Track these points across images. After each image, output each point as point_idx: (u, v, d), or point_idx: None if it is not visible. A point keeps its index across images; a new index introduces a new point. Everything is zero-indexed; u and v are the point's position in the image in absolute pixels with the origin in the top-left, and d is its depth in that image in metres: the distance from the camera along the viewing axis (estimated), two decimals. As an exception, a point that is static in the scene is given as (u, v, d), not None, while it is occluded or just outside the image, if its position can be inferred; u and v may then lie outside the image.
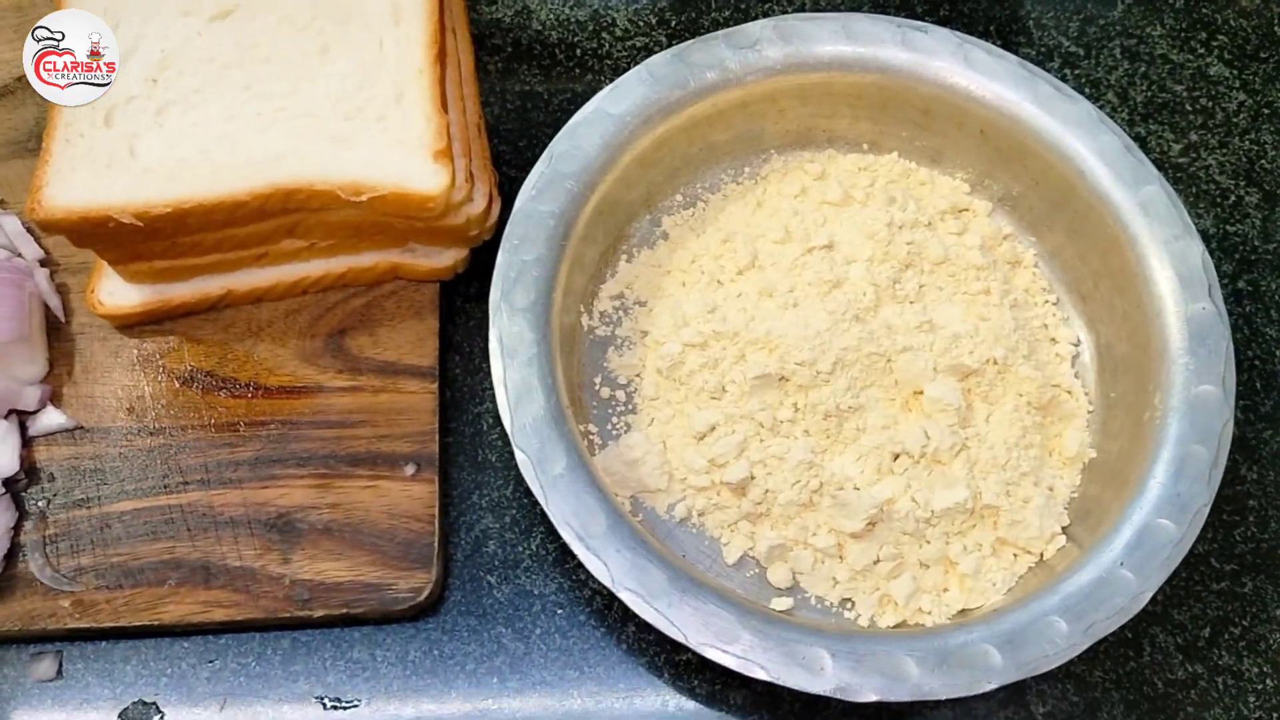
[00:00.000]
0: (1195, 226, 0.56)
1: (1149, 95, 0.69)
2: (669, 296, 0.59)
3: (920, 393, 0.55)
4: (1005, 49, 0.60)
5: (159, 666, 0.54)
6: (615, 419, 0.57)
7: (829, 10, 0.62)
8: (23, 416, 0.56)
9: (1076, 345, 0.59)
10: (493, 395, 0.59)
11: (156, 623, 0.52)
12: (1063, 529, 0.54)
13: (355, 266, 0.58)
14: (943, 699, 0.47)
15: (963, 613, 0.53)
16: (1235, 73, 0.70)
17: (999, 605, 0.52)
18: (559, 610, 0.55)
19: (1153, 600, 0.48)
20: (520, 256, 0.54)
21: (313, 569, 0.53)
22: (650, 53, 0.67)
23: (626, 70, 0.59)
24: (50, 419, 0.56)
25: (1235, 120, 0.68)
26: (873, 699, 0.46)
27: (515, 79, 0.68)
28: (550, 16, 0.71)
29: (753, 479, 0.53)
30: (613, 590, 0.48)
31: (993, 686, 0.47)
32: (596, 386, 0.58)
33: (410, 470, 0.55)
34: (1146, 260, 0.55)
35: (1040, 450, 0.56)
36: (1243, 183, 0.66)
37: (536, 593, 0.56)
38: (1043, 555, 0.54)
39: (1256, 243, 0.65)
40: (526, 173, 0.56)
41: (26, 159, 0.62)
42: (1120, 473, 0.53)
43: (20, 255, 0.59)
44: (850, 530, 0.52)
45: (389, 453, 0.56)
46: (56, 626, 0.52)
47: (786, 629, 0.48)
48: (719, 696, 0.54)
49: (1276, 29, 0.71)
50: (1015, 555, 0.54)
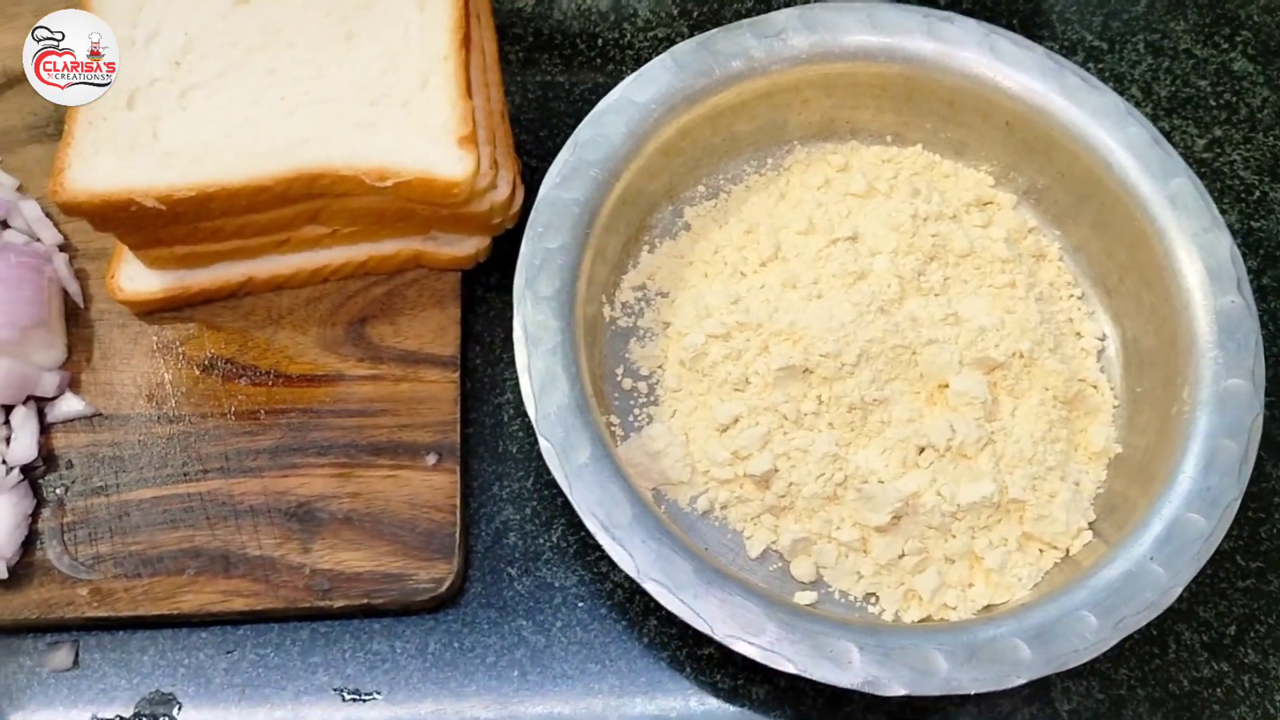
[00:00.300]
0: (1220, 221, 0.56)
1: (1173, 90, 0.68)
2: (691, 287, 0.59)
3: (945, 386, 0.54)
4: (1030, 41, 0.60)
5: (176, 657, 0.53)
6: (637, 410, 0.57)
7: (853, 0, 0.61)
8: (41, 403, 0.56)
9: (1102, 339, 0.59)
10: (514, 386, 0.59)
11: (175, 612, 0.52)
12: (1089, 524, 0.54)
13: (377, 254, 0.57)
14: (971, 693, 0.46)
15: (988, 608, 0.52)
16: (1259, 68, 0.69)
17: (1025, 600, 0.52)
18: (580, 603, 0.55)
19: (1178, 598, 0.48)
20: (544, 244, 0.53)
21: (333, 559, 0.53)
22: (672, 43, 0.67)
23: (648, 61, 0.58)
24: (69, 405, 0.56)
25: (1259, 116, 0.68)
26: (901, 693, 0.46)
27: (536, 68, 0.68)
28: (572, 6, 0.70)
29: (776, 471, 0.53)
30: (638, 581, 0.47)
31: (1022, 681, 0.46)
32: (618, 378, 0.57)
33: (431, 460, 0.55)
34: (1174, 253, 0.55)
35: (1066, 445, 0.55)
36: (1267, 178, 0.66)
37: (557, 585, 0.55)
38: (1069, 550, 0.54)
39: (1282, 238, 0.65)
40: (548, 162, 0.56)
41: (46, 144, 0.61)
42: (1147, 467, 0.53)
43: (39, 240, 0.59)
44: (875, 524, 0.52)
45: (410, 442, 0.55)
46: (74, 615, 0.52)
47: (813, 622, 0.47)
48: (741, 691, 0.53)
49: (1300, 25, 0.71)
50: (1041, 550, 0.54)
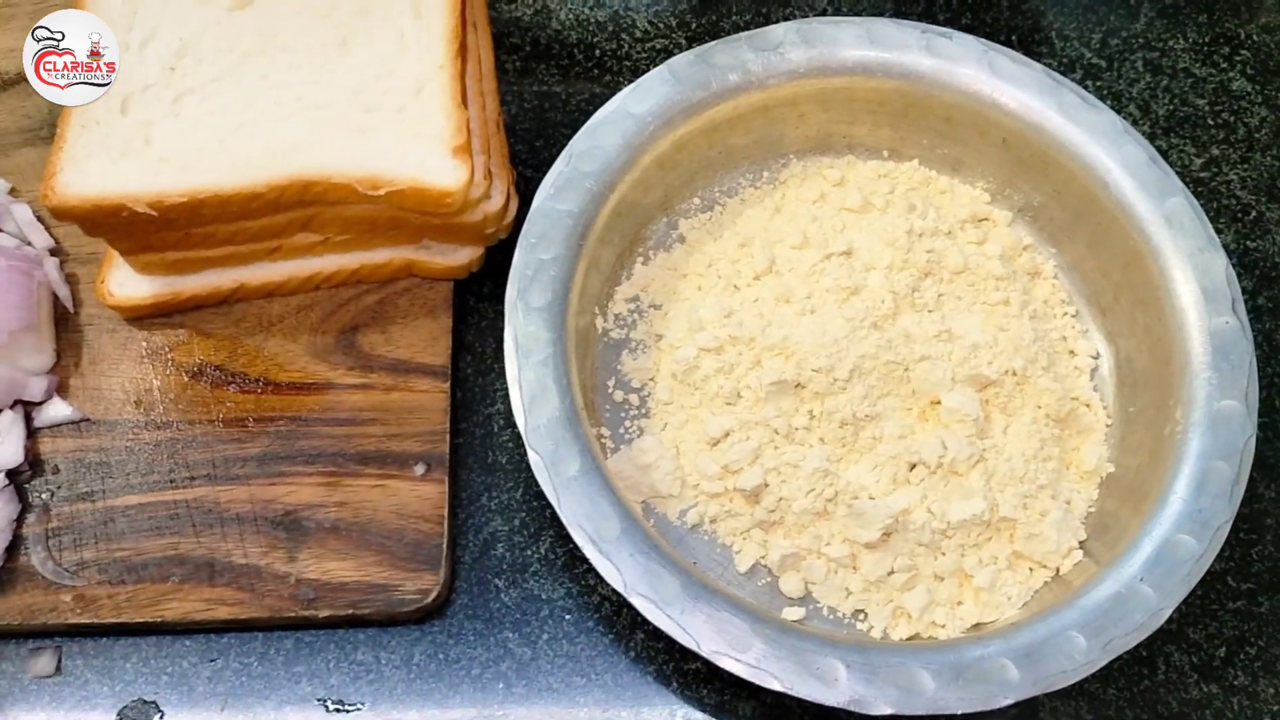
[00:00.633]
0: (1216, 241, 0.56)
1: (1171, 109, 0.68)
2: (684, 300, 0.58)
3: (938, 402, 0.54)
4: (1027, 59, 0.60)
5: (159, 665, 0.53)
6: (628, 423, 0.56)
7: (851, 16, 0.61)
8: (28, 407, 0.56)
9: (1095, 358, 0.59)
10: (504, 397, 0.59)
11: (159, 619, 0.52)
12: (1080, 544, 0.54)
13: (369, 263, 0.57)
14: (958, 713, 0.46)
15: (977, 626, 0.52)
16: (1258, 88, 0.69)
17: (1014, 619, 0.51)
18: (567, 616, 0.54)
19: (1168, 619, 0.48)
20: (537, 255, 0.53)
21: (319, 568, 0.52)
22: (670, 55, 0.67)
23: (645, 72, 0.58)
24: (56, 410, 0.55)
25: (1257, 136, 0.68)
26: (888, 712, 0.45)
27: (533, 78, 0.68)
28: (570, 16, 0.70)
29: (766, 486, 0.53)
30: (625, 596, 0.47)
31: (1009, 701, 0.46)
32: (609, 389, 0.57)
33: (420, 470, 0.55)
34: (1170, 273, 0.54)
35: (1058, 464, 0.55)
36: (1264, 198, 0.66)
37: (544, 598, 0.55)
38: (1059, 570, 0.53)
39: (1277, 259, 0.64)
40: (543, 172, 0.55)
41: (39, 147, 0.61)
42: (1139, 488, 0.53)
43: (30, 244, 0.58)
44: (865, 540, 0.52)
45: (399, 452, 0.55)
46: (57, 621, 0.52)
47: (800, 639, 0.47)
48: (728, 707, 0.53)
49: (1299, 45, 0.71)
50: (1031, 569, 0.53)
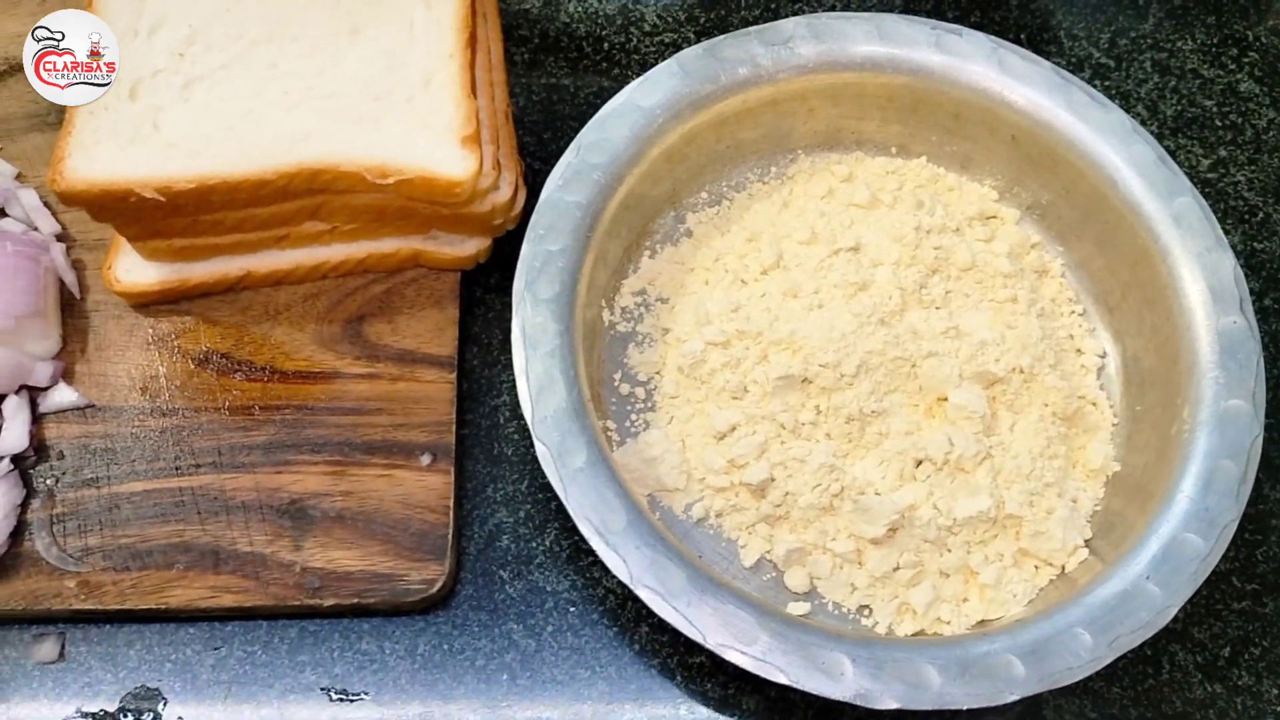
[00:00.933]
0: (1223, 241, 0.56)
1: (1179, 109, 0.68)
2: (692, 294, 0.58)
3: (944, 399, 0.54)
4: (1036, 57, 0.60)
5: (163, 652, 0.53)
6: (634, 416, 0.56)
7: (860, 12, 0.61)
8: (34, 393, 0.56)
9: (1102, 357, 0.59)
10: (510, 388, 0.59)
11: (163, 606, 0.51)
12: (1085, 542, 0.54)
13: (376, 252, 0.57)
14: (964, 708, 0.46)
15: (982, 623, 0.52)
16: (1265, 90, 0.69)
17: (1020, 617, 0.51)
18: (571, 608, 0.54)
19: (1173, 618, 0.48)
20: (545, 246, 0.53)
21: (324, 557, 0.52)
22: (679, 49, 0.66)
23: (654, 65, 0.58)
24: (62, 396, 0.55)
25: (1265, 137, 0.68)
26: (893, 706, 0.45)
27: (541, 71, 0.68)
28: (578, 9, 0.70)
29: (773, 481, 0.53)
30: (631, 588, 0.47)
31: (1015, 698, 0.46)
32: (616, 383, 0.57)
33: (426, 460, 0.54)
34: (1178, 272, 0.54)
35: (1064, 461, 0.55)
36: (1271, 200, 0.66)
37: (549, 590, 0.55)
38: (1064, 568, 0.53)
39: (1284, 260, 0.64)
40: (551, 165, 0.55)
41: (46, 133, 0.61)
42: (1145, 487, 0.53)
43: (36, 229, 0.58)
44: (870, 536, 0.52)
45: (405, 442, 0.55)
46: (61, 607, 0.51)
47: (806, 632, 0.47)
48: (732, 701, 0.53)
49: (1307, 48, 0.71)
50: (1037, 567, 0.53)
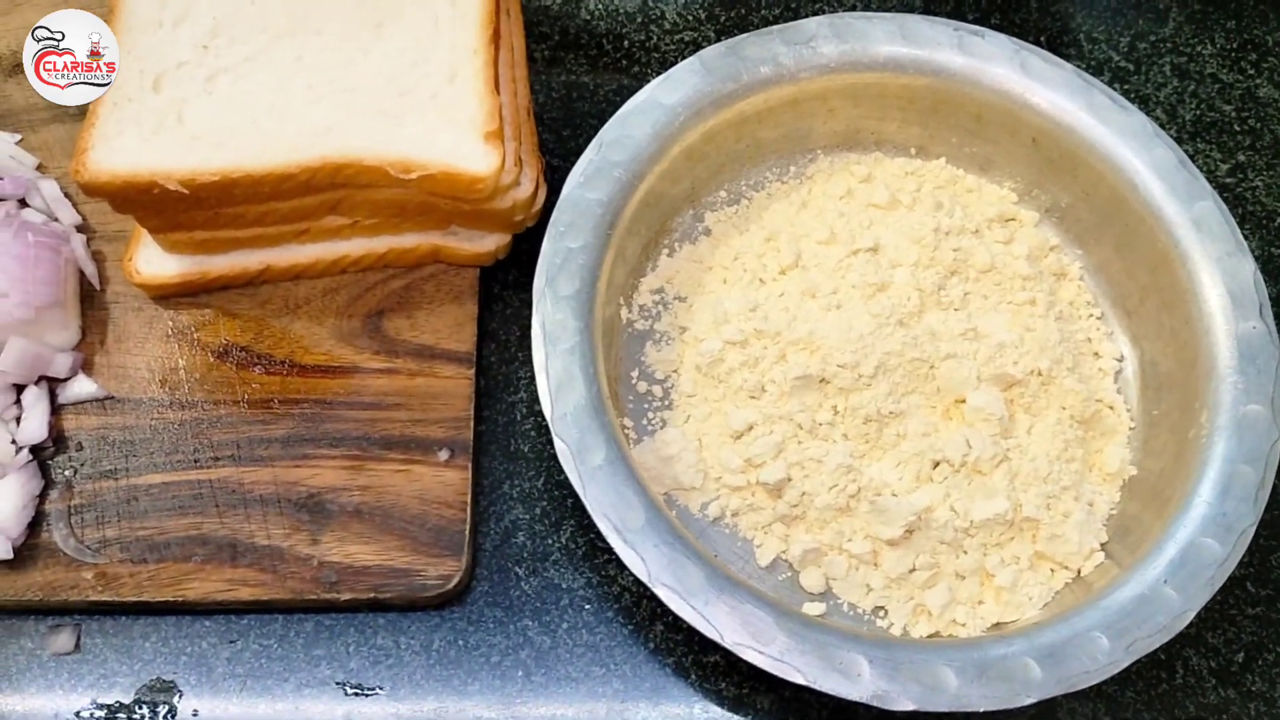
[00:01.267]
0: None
1: (1198, 114, 0.68)
2: (710, 293, 0.58)
3: (962, 401, 0.54)
4: (1055, 60, 0.60)
5: (179, 645, 0.53)
6: (651, 414, 0.56)
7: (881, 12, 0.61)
8: (53, 384, 0.56)
9: (1120, 360, 0.58)
10: (527, 384, 0.59)
11: (180, 599, 0.52)
12: (1101, 545, 0.54)
13: (396, 247, 0.57)
14: (980, 710, 0.46)
15: (997, 626, 0.52)
16: (1284, 95, 0.69)
17: (1036, 620, 0.51)
18: (587, 606, 0.54)
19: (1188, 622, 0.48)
20: (566, 244, 0.53)
21: (341, 551, 0.52)
22: (699, 47, 0.67)
23: (674, 64, 0.58)
24: (81, 387, 0.55)
25: (1283, 143, 0.68)
26: (910, 708, 0.45)
27: (562, 68, 0.68)
28: (599, 6, 0.70)
29: (789, 481, 0.53)
30: (649, 586, 0.47)
31: (1032, 700, 0.46)
32: (633, 380, 0.57)
33: (444, 456, 0.54)
34: (1197, 276, 0.54)
35: (1081, 465, 0.55)
36: (1289, 206, 0.66)
37: (565, 587, 0.55)
38: (1080, 571, 0.53)
39: (1302, 266, 0.64)
40: (570, 161, 0.55)
41: (67, 123, 0.61)
42: (1162, 491, 0.53)
43: (57, 220, 0.58)
44: (887, 537, 0.52)
45: (423, 437, 0.55)
46: (78, 599, 0.52)
47: (824, 633, 0.47)
48: (746, 700, 0.53)
49: (1326, 54, 0.71)
50: (1053, 570, 0.53)
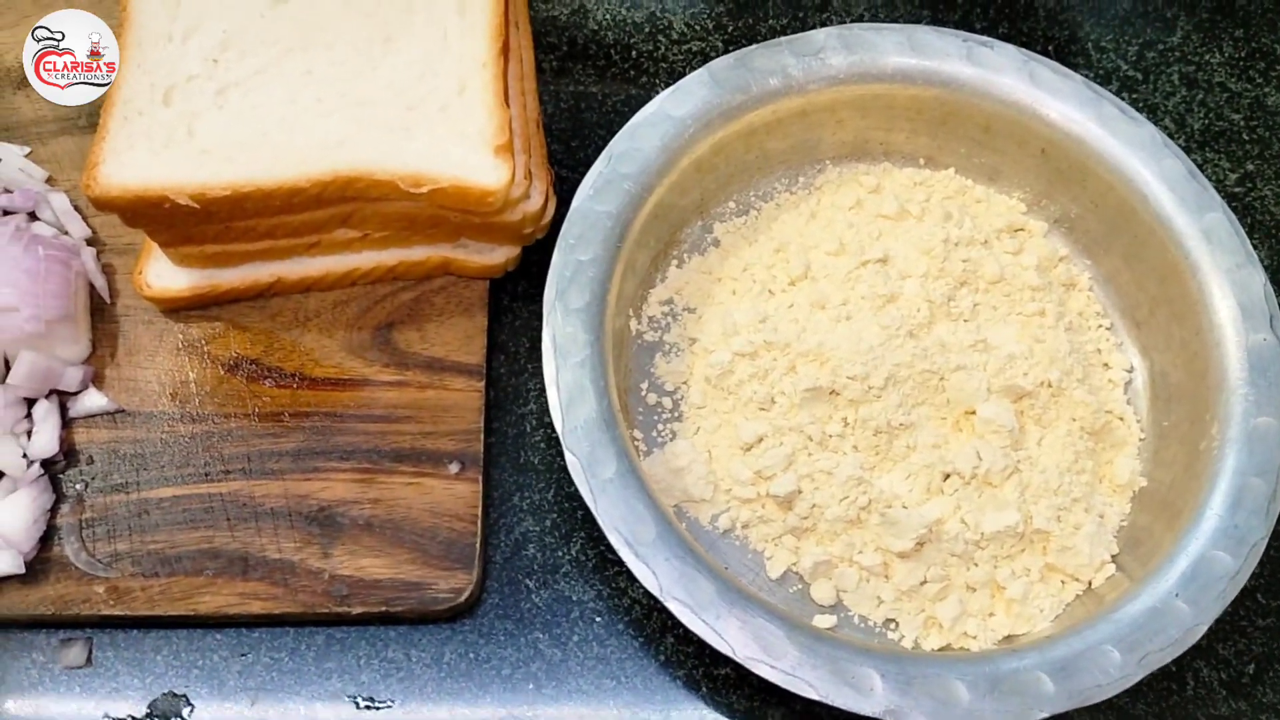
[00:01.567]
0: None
1: (1206, 123, 0.68)
2: (719, 304, 0.58)
3: (972, 412, 0.54)
4: (1063, 70, 0.60)
5: (190, 658, 0.53)
6: (661, 426, 0.56)
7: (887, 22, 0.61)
8: (63, 397, 0.56)
9: (1129, 372, 0.58)
10: (537, 396, 0.59)
11: (191, 613, 0.52)
12: (1112, 557, 0.53)
13: (406, 260, 0.57)
14: (990, 726, 0.46)
15: (1008, 638, 0.52)
16: (1293, 104, 0.69)
17: (1047, 632, 0.51)
18: (597, 618, 0.54)
19: (1199, 634, 0.48)
20: (576, 256, 0.53)
21: (353, 564, 0.52)
22: (707, 57, 0.67)
23: (682, 74, 0.58)
24: (91, 401, 0.55)
25: (1292, 152, 0.68)
26: (922, 722, 0.45)
27: (569, 78, 0.67)
28: (606, 16, 0.70)
29: (799, 493, 0.53)
30: (661, 600, 0.47)
31: (1044, 715, 0.46)
32: (643, 392, 0.57)
33: (454, 468, 0.54)
34: (1208, 288, 0.54)
35: (1092, 476, 0.55)
36: (1298, 215, 0.66)
37: (575, 599, 0.55)
38: (1091, 583, 0.53)
39: (1312, 276, 0.64)
40: (578, 173, 0.55)
41: (76, 136, 0.61)
42: (1172, 503, 0.53)
43: (67, 233, 0.58)
44: (898, 549, 0.52)
45: (433, 450, 0.55)
46: (89, 612, 0.52)
47: (835, 647, 0.47)
48: (757, 714, 0.53)
49: (1334, 62, 0.71)
50: (1063, 582, 0.53)
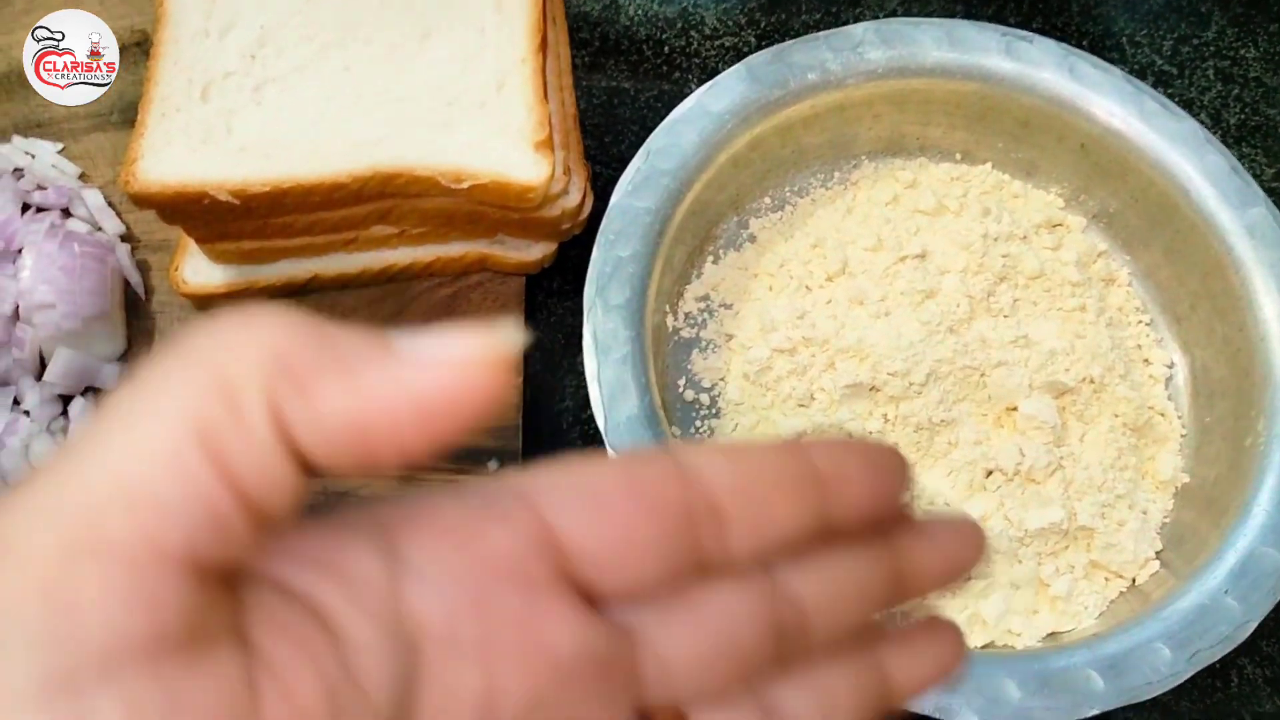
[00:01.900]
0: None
1: (1242, 118, 0.68)
2: (756, 300, 0.58)
3: (1014, 409, 0.53)
4: (1099, 65, 0.59)
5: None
6: (699, 423, 0.56)
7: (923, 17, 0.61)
8: (100, 395, 0.55)
9: (1170, 367, 0.58)
10: (572, 393, 0.58)
11: (230, 612, 0.51)
12: (1156, 554, 0.53)
13: (443, 256, 0.57)
14: (1042, 723, 0.45)
15: (1053, 635, 0.51)
16: (1329, 98, 0.69)
17: (1093, 630, 0.51)
18: (635, 617, 0.54)
19: (1244, 631, 0.47)
20: (616, 252, 0.53)
21: (392, 564, 0.52)
22: (740, 53, 0.66)
23: (715, 70, 0.58)
24: (127, 399, 0.55)
25: (1329, 146, 0.67)
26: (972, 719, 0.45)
27: (602, 74, 0.67)
28: (639, 12, 0.69)
29: (841, 490, 0.52)
30: (706, 598, 0.46)
31: (1095, 712, 0.45)
32: (680, 389, 0.57)
33: (494, 466, 0.54)
34: (1252, 283, 0.54)
35: (1135, 473, 0.54)
36: (1335, 210, 0.65)
37: (614, 597, 0.54)
38: (1135, 580, 0.53)
39: (1350, 271, 0.64)
40: (612, 168, 0.55)
41: (109, 132, 0.60)
42: (1217, 500, 0.52)
43: (101, 230, 0.58)
44: (941, 546, 0.51)
45: (473, 448, 0.54)
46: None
47: (883, 645, 0.46)
48: (799, 711, 0.52)
49: (1369, 56, 0.70)
50: (1107, 579, 0.53)
